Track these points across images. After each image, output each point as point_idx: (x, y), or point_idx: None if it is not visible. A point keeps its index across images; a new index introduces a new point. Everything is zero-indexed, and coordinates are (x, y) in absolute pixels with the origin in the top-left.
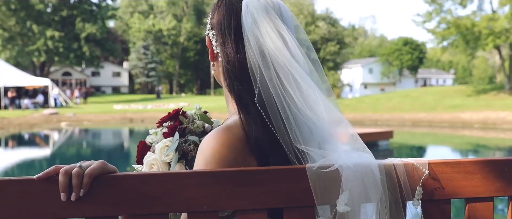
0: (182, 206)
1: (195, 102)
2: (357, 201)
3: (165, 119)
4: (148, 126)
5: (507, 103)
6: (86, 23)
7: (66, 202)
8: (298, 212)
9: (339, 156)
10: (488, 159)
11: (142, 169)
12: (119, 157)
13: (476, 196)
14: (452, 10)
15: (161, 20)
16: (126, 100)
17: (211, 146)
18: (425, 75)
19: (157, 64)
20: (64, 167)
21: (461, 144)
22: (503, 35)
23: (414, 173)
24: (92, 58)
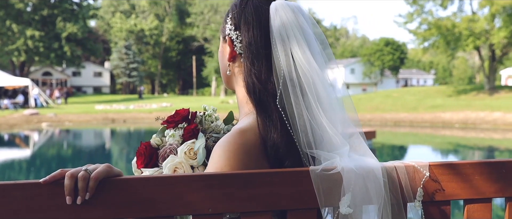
0: (187, 209)
1: (177, 103)
2: (360, 203)
3: (174, 120)
4: (131, 126)
5: (486, 103)
6: (67, 23)
7: (71, 205)
8: (302, 214)
9: (343, 159)
10: (487, 161)
11: (150, 174)
12: (101, 157)
13: (474, 197)
14: (433, 11)
15: (143, 20)
16: (108, 101)
17: (227, 149)
18: (406, 76)
19: (139, 64)
20: (70, 171)
21: (442, 143)
22: (482, 36)
23: (415, 175)
24: (73, 58)
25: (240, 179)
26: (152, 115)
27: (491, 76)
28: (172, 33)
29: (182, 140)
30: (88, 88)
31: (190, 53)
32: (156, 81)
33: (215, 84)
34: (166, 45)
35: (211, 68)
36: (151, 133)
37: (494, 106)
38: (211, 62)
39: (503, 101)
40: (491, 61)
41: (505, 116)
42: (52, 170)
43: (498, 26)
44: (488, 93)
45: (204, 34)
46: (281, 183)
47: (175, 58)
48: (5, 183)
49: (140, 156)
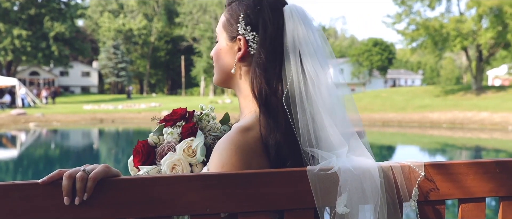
0: (185, 208)
1: (166, 103)
2: (356, 202)
3: (173, 118)
4: (119, 126)
5: (474, 103)
6: (54, 22)
7: (69, 206)
8: (299, 214)
9: (340, 159)
10: (480, 161)
11: (148, 171)
12: (90, 158)
13: (468, 196)
14: (421, 12)
15: (132, 19)
16: (96, 101)
17: (229, 147)
18: (394, 76)
19: (127, 64)
20: (68, 171)
21: (430, 143)
22: (470, 37)
23: (410, 174)
24: (60, 57)
25: (237, 179)
26: (141, 115)
27: (478, 77)
28: (160, 33)
29: (180, 137)
30: (76, 88)
31: (179, 53)
32: (144, 81)
33: (204, 84)
34: (154, 45)
35: (200, 68)
36: (140, 133)
37: (481, 106)
38: (200, 62)
39: (490, 102)
40: (478, 62)
41: (492, 115)
42: (39, 171)
43: (485, 27)
44: (475, 94)
45: (193, 34)
46: (279, 183)
47: (163, 58)
48: (2, 183)
49: (137, 154)
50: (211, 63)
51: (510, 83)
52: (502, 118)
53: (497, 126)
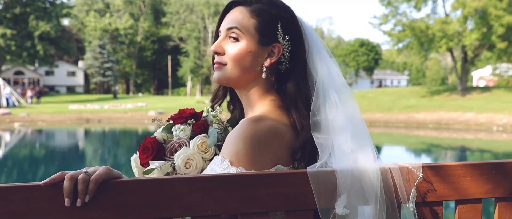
0: (186, 210)
1: (153, 102)
2: (355, 203)
3: (183, 116)
4: (105, 126)
5: (459, 104)
6: (40, 21)
7: (71, 208)
8: (299, 216)
9: (341, 160)
10: (477, 162)
11: (160, 166)
12: (76, 158)
13: (466, 198)
14: (407, 13)
15: (118, 19)
16: (82, 100)
17: (243, 135)
18: (380, 76)
19: (113, 63)
20: (70, 173)
21: (416, 143)
22: (455, 38)
23: (409, 176)
24: (46, 57)
25: (238, 180)
26: (127, 115)
27: (464, 78)
28: (147, 32)
29: (191, 134)
30: (61, 88)
31: (166, 53)
32: (130, 81)
33: (190, 84)
34: (141, 44)
35: (187, 68)
36: (127, 133)
37: (467, 107)
38: (186, 62)
39: (475, 102)
40: (464, 63)
41: (477, 116)
42: (24, 172)
43: (470, 28)
44: (461, 94)
45: (179, 34)
46: (280, 184)
47: (150, 57)
48: (3, 185)
49: (146, 151)
50: (198, 64)
51: (494, 84)
52: (487, 119)
53: (482, 126)
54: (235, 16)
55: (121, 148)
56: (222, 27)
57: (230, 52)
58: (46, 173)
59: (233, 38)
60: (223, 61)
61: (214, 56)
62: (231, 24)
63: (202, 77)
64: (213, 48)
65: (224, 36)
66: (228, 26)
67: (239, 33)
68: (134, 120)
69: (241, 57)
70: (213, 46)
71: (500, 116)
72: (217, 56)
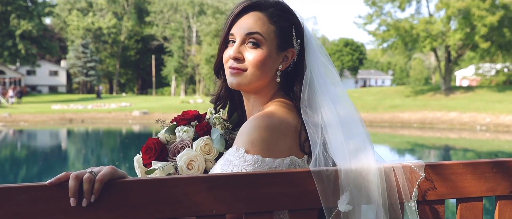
0: (191, 210)
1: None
2: (358, 202)
3: (186, 118)
4: (89, 127)
5: (443, 103)
6: (21, 20)
7: (76, 207)
8: (303, 215)
9: (344, 159)
10: (478, 161)
11: (162, 167)
12: (58, 159)
13: (467, 196)
14: (392, 13)
15: (101, 18)
16: (65, 100)
17: (258, 125)
18: (364, 76)
19: (96, 63)
20: (75, 172)
21: (401, 143)
22: (439, 38)
23: (411, 175)
24: (27, 56)
25: (243, 180)
26: (111, 114)
27: (447, 77)
28: (130, 32)
29: (194, 136)
30: (44, 88)
31: (149, 52)
32: (114, 80)
33: (175, 84)
34: (124, 44)
35: (171, 68)
36: (111, 133)
37: (450, 106)
38: (171, 61)
39: (459, 102)
40: (447, 63)
41: (460, 115)
42: (6, 173)
43: (453, 29)
44: (444, 94)
45: (163, 33)
46: (283, 183)
47: (133, 57)
48: (8, 185)
49: (149, 151)
50: (182, 63)
51: (477, 84)
52: (470, 118)
53: (466, 125)
54: (254, 21)
55: (105, 148)
56: (238, 31)
57: (251, 58)
58: (29, 174)
59: (253, 44)
60: (244, 67)
61: (225, 60)
62: (251, 29)
63: (187, 77)
64: (232, 54)
65: (241, 41)
66: (248, 31)
67: (260, 39)
68: (118, 119)
69: (262, 63)
70: (232, 52)
71: (483, 116)
72: (236, 62)
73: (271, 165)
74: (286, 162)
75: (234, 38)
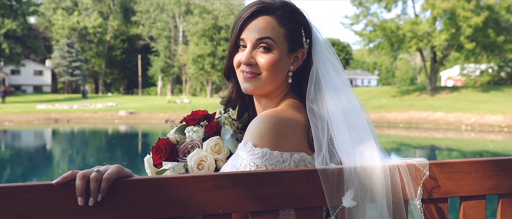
0: (197, 209)
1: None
2: (362, 199)
3: (196, 118)
4: (75, 127)
5: (429, 103)
6: (5, 19)
7: (83, 207)
8: (309, 213)
9: (349, 156)
10: (481, 160)
11: (173, 167)
12: (44, 158)
13: (470, 194)
14: (378, 14)
15: (86, 17)
16: (50, 100)
17: (267, 121)
18: (351, 76)
19: (82, 62)
20: (82, 171)
21: (387, 143)
22: (425, 39)
23: (416, 173)
24: (12, 55)
25: (249, 178)
26: (97, 114)
27: (433, 77)
28: (116, 31)
29: (204, 136)
30: (28, 87)
31: (136, 52)
32: (100, 80)
33: (161, 83)
34: (110, 43)
35: (157, 68)
36: (97, 133)
37: (436, 106)
38: (157, 61)
39: (444, 102)
40: (433, 63)
41: (446, 115)
42: None
43: (439, 29)
44: (430, 94)
45: (150, 33)
46: (289, 182)
47: (119, 57)
48: (15, 185)
49: (159, 152)
50: (169, 63)
51: (462, 84)
52: (456, 118)
53: (451, 125)
54: (264, 26)
55: (92, 148)
56: (248, 37)
57: (263, 62)
58: (13, 175)
59: (264, 48)
60: (258, 71)
61: (236, 64)
62: (262, 34)
63: (173, 76)
64: (244, 59)
65: (252, 46)
66: (258, 36)
67: (271, 43)
68: (104, 119)
69: (275, 67)
70: (244, 57)
71: (469, 115)
72: (250, 67)
73: (279, 158)
74: (295, 157)
75: (244, 43)
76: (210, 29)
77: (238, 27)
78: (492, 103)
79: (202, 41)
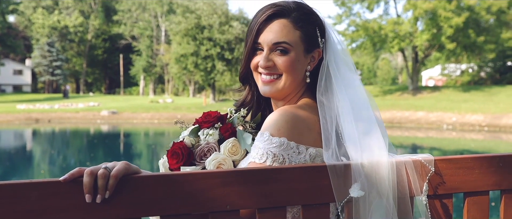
0: (205, 206)
1: (105, 102)
2: (369, 194)
3: (210, 120)
4: (56, 127)
5: (410, 103)
6: None
7: (90, 204)
8: (315, 210)
9: (356, 151)
10: (485, 155)
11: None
12: (22, 159)
13: (474, 190)
14: (361, 14)
15: (67, 16)
16: (30, 100)
17: (285, 114)
18: None
19: (62, 62)
20: (89, 168)
21: None
22: (407, 39)
23: (421, 169)
24: None
25: (257, 175)
26: (79, 114)
27: (414, 77)
28: (98, 30)
29: (220, 137)
30: (7, 87)
31: (117, 52)
32: (81, 80)
33: (143, 83)
34: (91, 42)
35: (139, 67)
36: (79, 133)
37: (418, 106)
38: (139, 60)
39: (426, 101)
40: (414, 63)
41: (428, 115)
42: None
43: (421, 29)
44: (412, 94)
45: (132, 32)
46: (296, 178)
47: (101, 56)
48: (20, 182)
49: (176, 156)
50: (151, 63)
51: (443, 84)
52: (437, 117)
53: (433, 125)
54: (279, 29)
55: (73, 148)
56: (264, 41)
57: (281, 63)
58: None
59: (281, 51)
60: (277, 72)
61: (253, 68)
62: (278, 39)
63: (155, 76)
64: (263, 63)
65: (268, 50)
66: (275, 40)
67: (288, 47)
68: (86, 119)
69: (294, 68)
70: (263, 61)
71: (450, 115)
72: (269, 69)
73: (295, 149)
74: (310, 151)
75: (261, 46)
76: (193, 29)
77: (255, 31)
78: (473, 103)
79: (185, 40)
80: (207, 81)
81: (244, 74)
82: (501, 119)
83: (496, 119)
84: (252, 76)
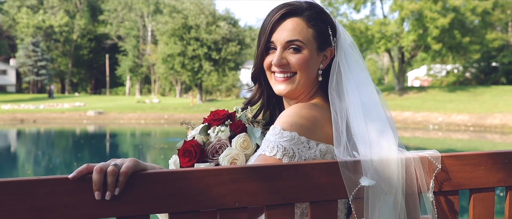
0: (214, 202)
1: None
2: (378, 192)
3: (219, 118)
4: (41, 127)
5: (397, 103)
6: None
7: (100, 201)
8: (324, 206)
9: (365, 147)
10: (491, 152)
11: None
12: (8, 159)
13: (480, 187)
14: (348, 14)
15: (52, 15)
16: (15, 100)
17: (299, 110)
18: None
19: (47, 62)
20: (98, 165)
21: None
22: (393, 39)
23: (428, 166)
24: None
25: (266, 171)
26: (65, 115)
27: (401, 78)
28: (83, 30)
29: (231, 134)
30: None
31: (103, 52)
32: (66, 80)
33: (129, 83)
34: (77, 42)
35: (126, 67)
36: (64, 133)
37: (404, 106)
38: (125, 60)
39: (412, 102)
40: (401, 63)
41: (414, 115)
42: None
43: (407, 30)
44: (398, 94)
45: (118, 32)
46: (305, 175)
47: (87, 56)
48: (28, 178)
49: (188, 154)
50: (137, 63)
51: (429, 84)
52: (424, 117)
53: (419, 124)
54: (292, 28)
55: (59, 149)
56: (278, 39)
57: (295, 61)
58: None
59: (294, 49)
60: (291, 70)
61: (267, 66)
62: (291, 37)
63: (141, 76)
64: (276, 61)
65: (282, 48)
66: (288, 38)
67: (301, 45)
68: (72, 120)
69: (307, 65)
70: (276, 60)
71: (436, 115)
72: (283, 68)
73: (305, 144)
74: (320, 146)
75: (274, 45)
76: (180, 29)
77: (268, 29)
78: (458, 103)
79: (172, 40)
80: (194, 81)
81: (256, 73)
82: (486, 118)
83: (481, 118)
84: (263, 75)
